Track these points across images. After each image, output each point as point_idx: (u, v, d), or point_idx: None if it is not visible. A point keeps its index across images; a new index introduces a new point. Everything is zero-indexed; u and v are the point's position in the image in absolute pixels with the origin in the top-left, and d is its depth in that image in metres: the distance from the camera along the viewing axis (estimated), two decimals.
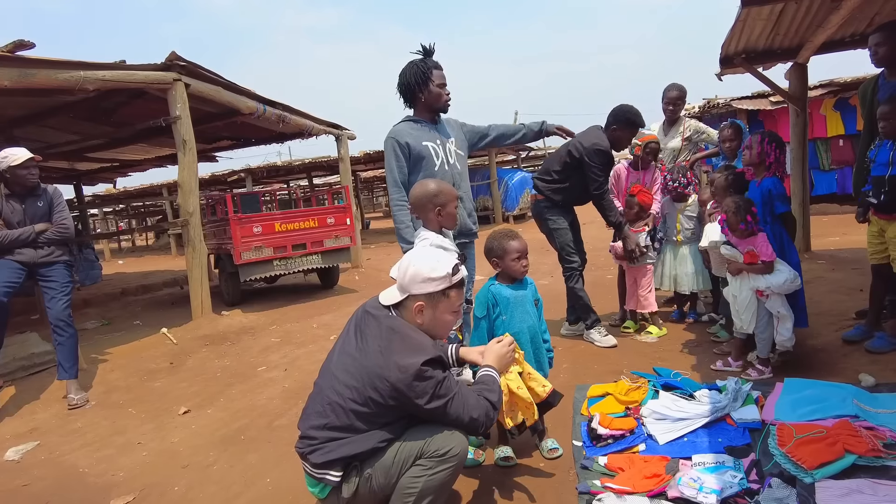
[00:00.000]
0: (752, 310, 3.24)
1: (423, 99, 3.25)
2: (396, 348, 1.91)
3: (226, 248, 7.24)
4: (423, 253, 2.13)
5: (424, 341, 1.97)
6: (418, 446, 1.89)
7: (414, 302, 2.02)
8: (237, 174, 18.17)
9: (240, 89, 6.73)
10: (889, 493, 1.97)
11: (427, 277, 2.01)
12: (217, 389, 4.29)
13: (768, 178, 3.38)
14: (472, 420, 1.94)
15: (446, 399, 1.90)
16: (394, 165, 3.22)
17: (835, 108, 9.55)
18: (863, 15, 4.98)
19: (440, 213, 2.73)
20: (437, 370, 1.91)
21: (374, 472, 1.89)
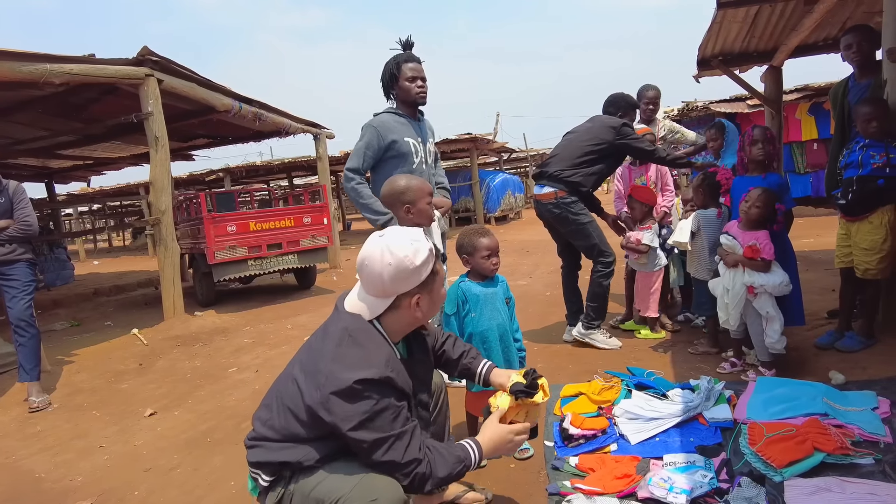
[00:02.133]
0: (741, 307, 3.18)
1: (395, 95, 3.29)
2: (339, 356, 1.61)
3: (200, 248, 7.11)
4: (393, 243, 1.70)
5: (376, 356, 1.63)
6: (342, 489, 1.55)
7: (409, 298, 1.73)
8: (215, 174, 17.94)
9: (214, 86, 6.61)
10: (857, 491, 1.96)
11: (415, 267, 1.69)
12: (186, 391, 4.18)
13: (773, 174, 3.41)
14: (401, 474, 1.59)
15: (378, 435, 1.56)
16: (364, 153, 3.19)
17: (809, 112, 9.71)
18: (835, 19, 5.05)
19: (410, 211, 2.71)
20: (380, 394, 1.58)
21: (294, 493, 1.63)
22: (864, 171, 3.16)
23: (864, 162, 3.16)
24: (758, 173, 3.49)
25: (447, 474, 1.67)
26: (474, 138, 15.85)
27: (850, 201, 3.26)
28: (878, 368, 3.08)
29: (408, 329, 1.83)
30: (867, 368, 3.11)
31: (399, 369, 1.69)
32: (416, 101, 3.28)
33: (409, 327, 1.82)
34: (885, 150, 3.13)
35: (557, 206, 4.01)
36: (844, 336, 3.44)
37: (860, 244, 3.28)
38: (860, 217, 3.27)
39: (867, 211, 3.23)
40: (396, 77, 3.22)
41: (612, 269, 4.05)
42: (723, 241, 3.28)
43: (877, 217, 3.21)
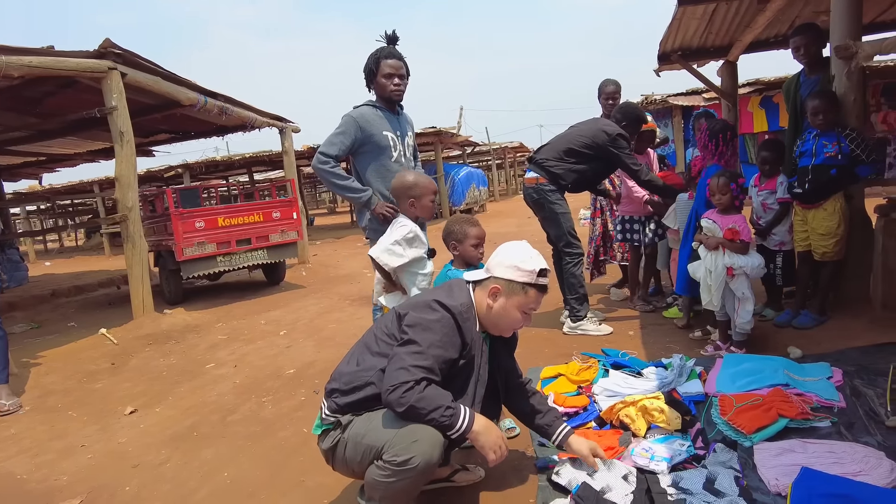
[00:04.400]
0: (722, 287, 3.33)
1: (374, 88, 3.31)
2: (433, 291, 2.08)
3: (166, 245, 6.98)
4: (520, 245, 2.10)
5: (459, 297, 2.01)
6: (381, 441, 1.81)
7: (492, 283, 2.04)
8: (174, 170, 17.48)
9: (180, 80, 6.49)
10: (817, 451, 2.16)
11: (514, 265, 2.02)
12: (164, 388, 4.15)
13: (714, 166, 3.61)
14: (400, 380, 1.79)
15: (407, 339, 1.88)
16: (340, 141, 3.20)
17: (760, 105, 10.17)
18: (785, 17, 5.33)
19: (413, 205, 2.89)
20: (442, 318, 1.90)
21: (348, 441, 1.89)
22: (818, 160, 3.40)
23: (818, 151, 3.40)
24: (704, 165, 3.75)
25: (433, 406, 1.79)
26: (438, 132, 15.94)
27: (806, 191, 3.49)
28: (830, 343, 3.34)
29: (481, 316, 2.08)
30: (821, 343, 3.36)
31: (469, 329, 1.99)
32: (391, 98, 3.29)
33: (481, 315, 2.07)
34: (836, 139, 3.37)
35: (537, 192, 4.17)
36: (800, 314, 3.69)
37: (817, 230, 3.52)
38: (815, 205, 3.51)
39: (822, 199, 3.47)
40: (375, 72, 3.24)
41: (579, 259, 4.22)
42: (704, 224, 3.44)
43: (830, 204, 3.46)
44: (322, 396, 2.06)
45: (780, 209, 3.78)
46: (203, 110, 6.97)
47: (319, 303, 6.74)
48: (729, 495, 1.93)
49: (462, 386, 2.00)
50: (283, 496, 2.46)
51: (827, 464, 2.05)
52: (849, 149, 3.36)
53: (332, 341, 4.90)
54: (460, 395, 1.98)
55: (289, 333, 5.37)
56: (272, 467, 2.74)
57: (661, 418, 2.48)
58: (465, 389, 2.01)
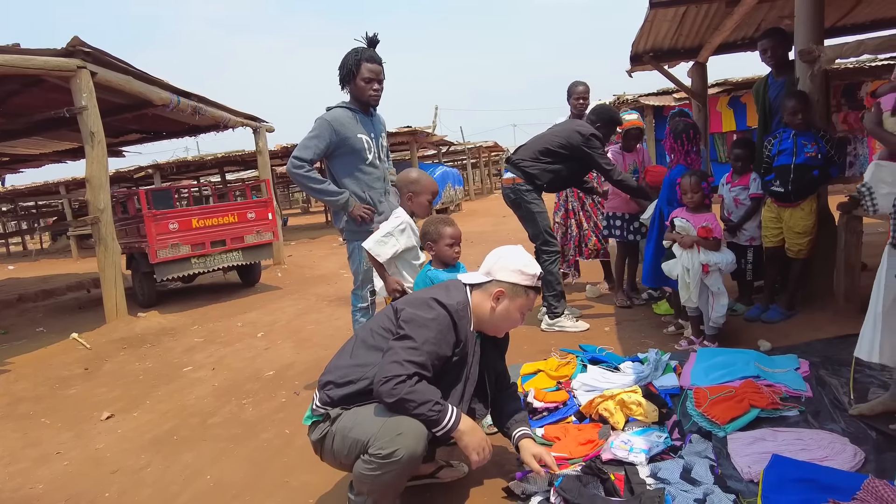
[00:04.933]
0: (699, 284, 3.42)
1: (350, 89, 3.29)
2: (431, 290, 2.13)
3: (139, 247, 6.86)
4: (519, 251, 2.20)
5: (455, 296, 2.05)
6: (366, 435, 1.84)
7: (496, 287, 2.10)
8: (144, 170, 17.12)
9: (152, 79, 6.38)
10: (786, 438, 2.26)
11: (517, 269, 2.11)
12: (141, 392, 4.09)
13: (678, 166, 3.70)
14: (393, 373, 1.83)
15: (403, 334, 1.92)
16: (315, 145, 3.20)
17: (729, 105, 10.44)
18: (751, 20, 5.50)
19: (411, 199, 2.98)
20: (438, 316, 1.96)
21: (336, 433, 1.92)
22: (799, 160, 3.51)
23: (799, 151, 3.51)
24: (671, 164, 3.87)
25: (422, 400, 1.84)
26: (414, 131, 15.92)
27: (789, 191, 3.58)
28: (798, 335, 3.47)
29: (479, 318, 2.12)
30: (789, 335, 3.49)
31: (464, 327, 2.04)
32: (369, 102, 3.30)
33: (480, 317, 2.12)
34: (814, 140, 3.49)
35: (514, 192, 4.26)
36: (769, 309, 3.82)
37: (794, 228, 3.64)
38: (794, 204, 3.63)
39: (802, 198, 3.59)
40: (354, 74, 3.20)
41: (556, 257, 4.30)
42: (677, 224, 3.52)
43: (807, 204, 3.60)
44: (315, 388, 2.09)
45: (752, 205, 3.90)
46: (176, 110, 6.87)
47: (296, 304, 6.71)
48: (705, 484, 2.01)
49: (453, 382, 2.04)
50: (267, 497, 2.46)
51: (796, 450, 2.15)
52: (826, 149, 3.49)
53: (311, 342, 4.89)
54: (450, 391, 2.02)
55: (266, 335, 5.34)
56: (255, 469, 2.73)
57: (639, 411, 2.56)
58: (455, 386, 2.05)
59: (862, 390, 2.61)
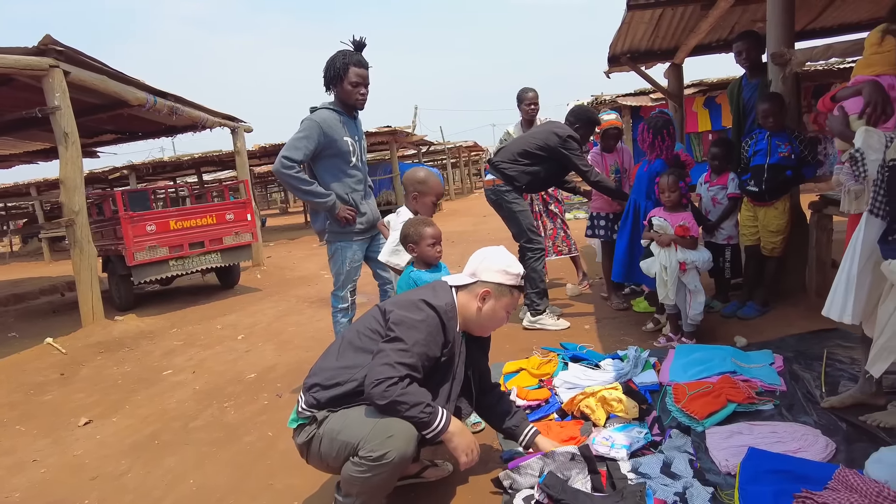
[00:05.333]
0: (676, 282, 3.48)
1: (336, 92, 3.28)
2: (418, 292, 2.13)
3: (116, 249, 6.74)
4: (502, 251, 2.23)
5: (442, 298, 2.07)
6: (356, 438, 1.85)
7: (481, 287, 2.13)
8: (119, 171, 16.81)
9: (128, 79, 6.28)
10: (762, 432, 2.32)
11: (502, 269, 2.14)
12: (120, 397, 4.03)
13: (657, 161, 3.77)
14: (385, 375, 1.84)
15: (394, 336, 1.93)
16: (305, 146, 3.16)
17: (704, 105, 10.63)
18: (725, 23, 5.62)
19: (416, 199, 3.05)
20: (427, 318, 1.97)
21: (323, 436, 1.92)
22: (773, 160, 3.60)
23: (773, 151, 3.60)
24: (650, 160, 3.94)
25: (414, 402, 1.86)
26: (394, 131, 15.88)
27: (763, 190, 3.68)
28: (772, 331, 3.57)
29: (465, 318, 2.14)
30: (764, 331, 3.58)
31: (452, 328, 2.07)
32: (356, 106, 3.31)
33: (466, 317, 2.14)
34: (788, 140, 3.59)
35: (494, 193, 4.32)
36: (746, 306, 3.92)
37: (768, 227, 3.74)
38: (768, 203, 3.72)
39: (776, 198, 3.69)
40: (342, 77, 3.19)
41: (540, 254, 4.35)
42: (655, 223, 3.58)
43: (781, 203, 3.70)
44: (299, 391, 2.09)
45: (729, 204, 3.99)
46: (152, 110, 6.76)
47: (277, 306, 6.66)
48: (684, 477, 2.06)
49: (440, 382, 2.06)
50: (252, 500, 2.46)
51: (770, 443, 2.21)
52: (799, 149, 3.58)
53: (292, 344, 4.87)
54: (437, 390, 2.04)
55: (247, 337, 5.30)
56: (239, 472, 2.72)
57: (620, 408, 2.61)
58: (443, 386, 2.07)
59: (833, 384, 2.70)
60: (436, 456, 2.53)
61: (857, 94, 2.34)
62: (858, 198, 2.33)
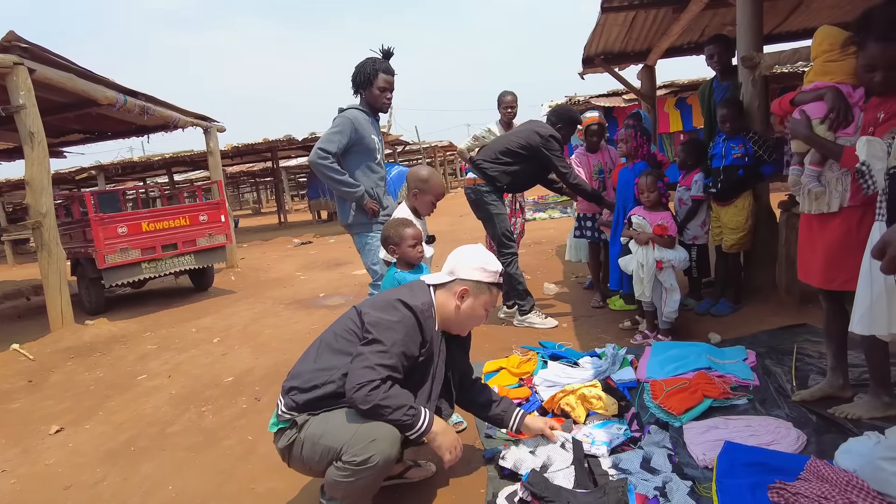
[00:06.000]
0: (653, 280, 3.55)
1: (364, 95, 3.54)
2: (396, 292, 2.10)
3: (85, 252, 6.58)
4: (480, 249, 2.23)
5: (420, 298, 2.06)
6: (339, 442, 1.85)
7: (459, 286, 2.12)
8: (87, 171, 16.38)
9: (97, 77, 6.12)
10: (737, 426, 2.39)
11: (480, 267, 2.14)
12: (93, 403, 3.94)
13: (639, 162, 3.85)
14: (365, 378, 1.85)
15: (379, 336, 1.93)
16: (337, 140, 3.38)
17: (675, 106, 10.82)
18: (696, 26, 5.75)
19: (416, 196, 3.13)
20: (403, 318, 1.97)
21: (304, 440, 1.91)
22: (727, 162, 3.72)
23: (727, 153, 3.73)
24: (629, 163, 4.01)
25: (397, 405, 1.87)
26: None
27: (720, 190, 3.81)
28: (745, 327, 3.67)
29: (444, 317, 2.14)
30: (737, 328, 3.68)
31: (429, 327, 2.07)
32: (381, 109, 3.59)
33: (445, 316, 2.14)
34: (742, 142, 3.70)
35: (475, 192, 4.35)
36: (718, 303, 4.02)
37: (728, 224, 3.86)
38: (728, 202, 3.84)
39: (733, 197, 3.80)
40: (371, 82, 3.46)
41: (513, 258, 4.39)
42: (634, 221, 3.65)
43: (740, 201, 3.81)
44: (280, 394, 2.06)
45: (692, 205, 4.08)
46: (123, 110, 6.60)
47: (252, 308, 6.58)
48: (664, 472, 2.11)
49: (420, 382, 2.07)
50: None
51: (745, 436, 2.28)
52: (752, 150, 3.70)
53: (269, 347, 4.82)
54: (418, 390, 2.05)
55: (223, 340, 5.22)
56: (219, 477, 2.69)
57: (600, 405, 2.65)
58: (423, 386, 2.08)
59: (802, 378, 2.79)
60: (419, 456, 2.54)
61: (816, 99, 2.43)
62: (818, 198, 2.42)
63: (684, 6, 4.67)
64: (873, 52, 2.09)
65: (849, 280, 2.30)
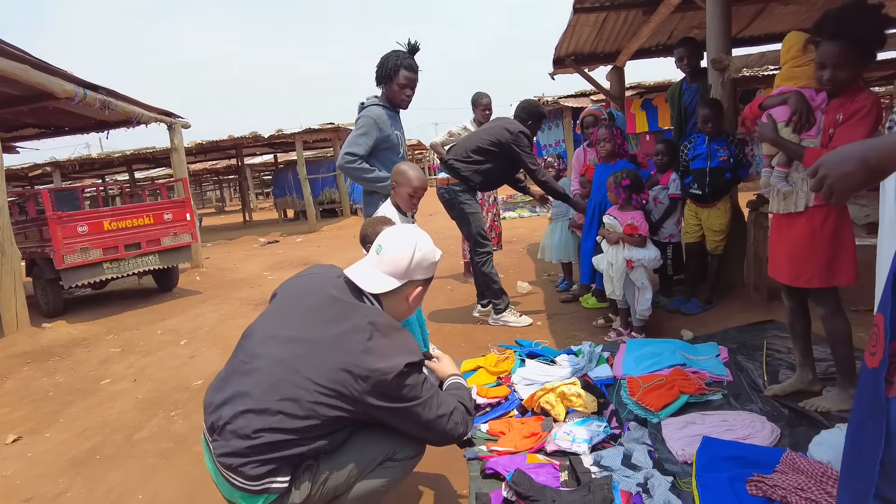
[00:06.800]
0: (623, 278, 3.59)
1: (384, 90, 3.56)
2: (378, 347, 1.62)
3: (42, 252, 6.30)
4: (422, 236, 1.93)
5: (409, 343, 1.71)
6: (388, 447, 1.71)
7: (413, 288, 1.87)
8: (42, 168, 15.73)
9: (54, 69, 5.85)
10: (713, 421, 2.43)
11: (432, 262, 1.93)
12: (53, 410, 3.77)
13: (621, 161, 3.89)
14: (450, 425, 1.73)
15: (423, 399, 1.67)
16: (364, 142, 3.43)
17: (642, 107, 11.00)
18: (665, 29, 5.85)
19: (394, 189, 3.09)
20: (419, 372, 1.69)
21: (331, 473, 1.64)
22: (714, 164, 3.78)
23: (713, 155, 3.77)
24: (608, 161, 4.03)
25: (471, 399, 1.89)
26: (337, 128, 15.60)
27: (707, 193, 3.84)
28: (716, 324, 3.75)
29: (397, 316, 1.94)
30: (708, 325, 3.76)
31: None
32: (400, 105, 3.60)
33: (398, 314, 1.92)
34: (726, 144, 3.77)
35: (448, 192, 4.31)
36: (689, 301, 4.09)
37: (712, 227, 3.93)
38: (711, 204, 3.90)
39: (718, 199, 3.87)
40: (392, 77, 3.46)
41: (488, 257, 4.38)
42: (605, 221, 3.69)
43: (722, 203, 3.90)
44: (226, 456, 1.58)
45: (670, 204, 4.15)
46: (82, 104, 6.34)
47: (219, 309, 6.42)
48: (645, 468, 2.13)
49: None
50: None
51: (722, 431, 2.33)
52: (735, 152, 3.77)
53: None
54: None
55: (190, 342, 5.08)
56: (192, 483, 2.60)
57: (579, 402, 2.67)
58: None
59: (773, 372, 2.86)
60: None
61: (782, 103, 2.51)
62: (787, 198, 2.49)
63: (654, 9, 4.75)
64: (822, 50, 2.19)
65: (813, 277, 2.38)
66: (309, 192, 14.66)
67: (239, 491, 1.57)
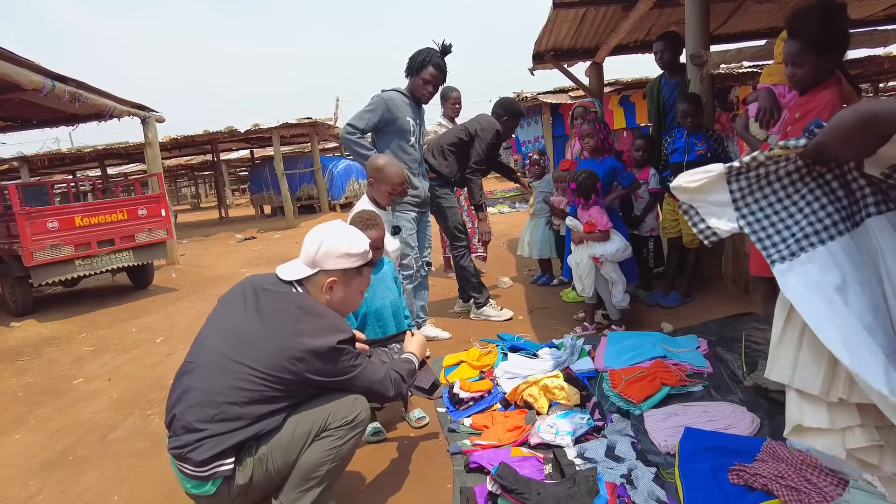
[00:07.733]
0: (592, 276, 3.61)
1: (410, 82, 3.73)
2: (309, 328, 1.75)
3: (10, 249, 6.11)
4: (339, 228, 1.97)
5: (338, 321, 1.84)
6: (321, 418, 1.77)
7: (325, 277, 1.90)
8: (8, 163, 15.26)
9: (20, 60, 5.66)
10: (695, 412, 2.46)
11: (345, 253, 1.91)
12: (23, 410, 3.66)
13: (608, 158, 3.90)
14: (380, 388, 1.92)
15: (357, 370, 1.84)
16: (368, 117, 3.54)
17: (619, 104, 11.11)
18: (643, 25, 5.89)
19: (371, 186, 3.11)
20: (350, 346, 1.83)
21: (270, 452, 1.72)
22: (691, 158, 3.81)
23: (690, 149, 3.81)
24: (595, 157, 4.04)
25: (408, 373, 2.07)
26: (314, 123, 15.42)
27: None
28: (695, 317, 3.79)
29: None
30: (687, 318, 3.80)
31: None
32: (421, 100, 3.76)
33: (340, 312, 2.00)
34: (704, 139, 3.80)
35: None
36: (668, 295, 4.13)
37: None
38: None
39: None
40: (418, 72, 3.65)
41: (465, 251, 4.39)
42: (567, 223, 3.74)
43: None
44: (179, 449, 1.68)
45: (650, 199, 4.18)
46: (51, 96, 6.14)
47: (195, 306, 6.31)
48: (628, 460, 2.14)
49: None
50: None
51: (703, 422, 2.35)
52: (713, 147, 3.81)
53: None
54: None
55: (166, 340, 4.98)
56: (169, 483, 2.53)
57: (562, 395, 2.67)
58: None
59: (752, 363, 2.90)
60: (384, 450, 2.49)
61: (755, 99, 2.55)
62: None
63: (633, 4, 4.77)
64: (785, 48, 2.23)
65: None
66: (286, 188, 14.47)
67: (190, 479, 1.68)
